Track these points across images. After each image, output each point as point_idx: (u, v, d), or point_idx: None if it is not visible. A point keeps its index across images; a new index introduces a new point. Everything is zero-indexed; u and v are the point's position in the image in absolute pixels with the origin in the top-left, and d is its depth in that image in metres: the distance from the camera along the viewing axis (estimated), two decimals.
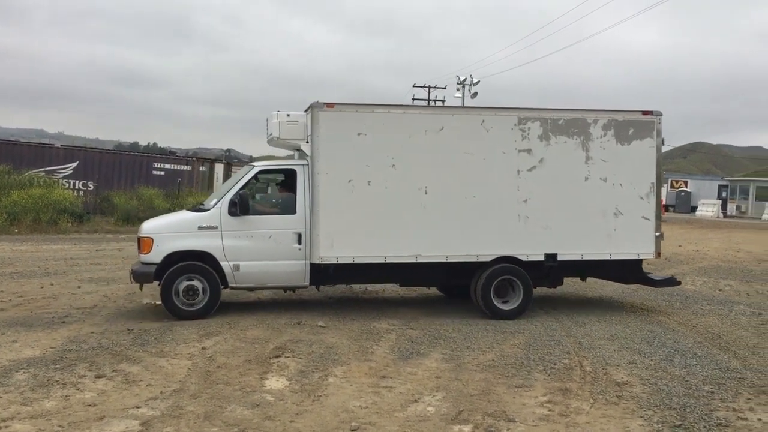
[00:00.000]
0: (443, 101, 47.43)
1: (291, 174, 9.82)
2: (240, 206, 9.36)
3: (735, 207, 46.73)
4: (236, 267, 9.43)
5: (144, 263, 9.48)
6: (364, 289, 12.10)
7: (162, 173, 28.35)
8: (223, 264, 9.41)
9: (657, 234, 10.29)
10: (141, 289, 10.06)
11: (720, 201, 47.24)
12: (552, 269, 10.15)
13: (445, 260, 9.83)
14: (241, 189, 9.54)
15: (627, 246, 10.20)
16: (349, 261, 9.58)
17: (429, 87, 49.04)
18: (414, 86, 49.40)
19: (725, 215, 45.36)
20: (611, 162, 10.15)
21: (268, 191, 10.98)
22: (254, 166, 9.99)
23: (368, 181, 9.61)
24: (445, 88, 49.94)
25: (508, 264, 9.95)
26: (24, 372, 6.69)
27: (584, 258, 10.12)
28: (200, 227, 9.46)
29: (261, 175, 10.08)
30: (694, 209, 47.57)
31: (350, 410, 5.82)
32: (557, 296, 11.79)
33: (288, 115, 9.89)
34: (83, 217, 24.06)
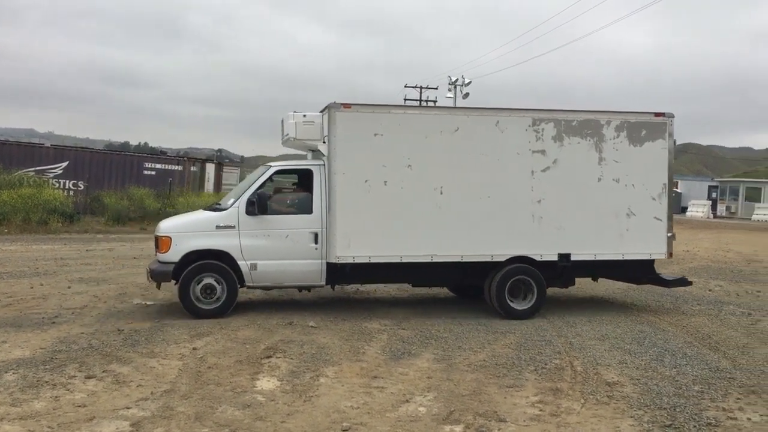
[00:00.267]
0: (435, 102, 47.48)
1: (307, 174, 9.89)
2: (258, 206, 9.45)
3: (725, 207, 46.97)
4: (253, 266, 9.50)
5: (162, 262, 9.55)
6: (356, 290, 12.09)
7: (153, 173, 28.27)
8: (241, 263, 9.48)
9: (669, 234, 10.39)
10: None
11: (710, 201, 47.49)
12: (565, 269, 10.23)
13: (460, 260, 9.89)
14: (259, 189, 9.60)
15: (639, 246, 10.29)
16: (366, 260, 9.64)
17: (421, 87, 49.07)
18: (406, 86, 49.46)
19: (715, 216, 45.60)
20: (624, 163, 10.24)
21: (280, 192, 11.02)
22: (271, 166, 10.05)
23: (384, 181, 9.67)
24: (437, 89, 50.05)
25: (522, 264, 10.03)
26: (13, 373, 6.65)
27: (597, 258, 10.21)
28: (218, 226, 9.54)
29: (277, 175, 10.16)
30: (685, 210, 47.80)
31: (341, 410, 5.82)
32: (548, 297, 11.80)
33: (304, 116, 10.00)
34: (73, 217, 23.97)
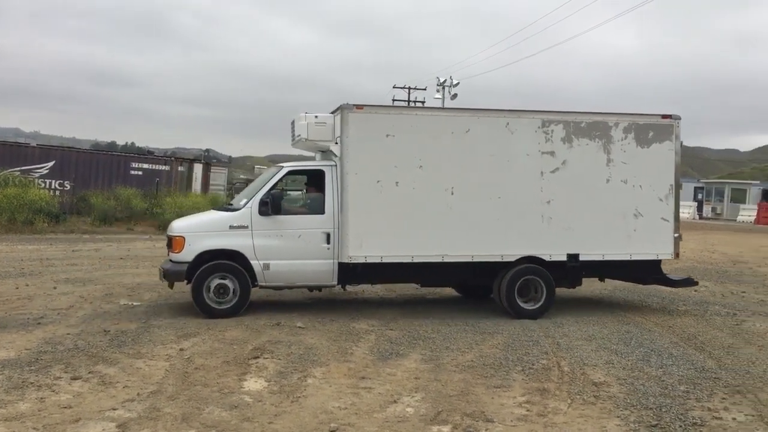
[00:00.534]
0: (423, 102, 47.51)
1: (319, 174, 9.95)
2: (272, 206, 9.50)
3: (710, 209, 47.35)
4: (266, 266, 9.55)
5: (175, 262, 9.60)
6: (344, 291, 12.08)
7: (140, 173, 28.09)
8: (254, 263, 9.53)
9: (676, 235, 10.50)
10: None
11: (696, 203, 47.82)
12: (573, 270, 10.31)
13: (471, 260, 9.96)
14: (271, 189, 9.65)
15: (647, 247, 10.39)
16: (378, 260, 9.70)
17: (409, 88, 49.09)
18: (394, 87, 49.42)
19: (701, 217, 45.93)
20: (631, 164, 10.34)
21: (288, 193, 11.08)
22: (283, 167, 10.13)
23: (396, 182, 9.74)
24: (425, 89, 50.09)
25: (532, 264, 10.11)
26: None
27: (605, 258, 10.30)
28: (231, 227, 9.60)
29: (289, 176, 10.23)
30: None
31: (329, 411, 5.81)
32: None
33: (316, 117, 10.09)
34: (59, 217, 23.79)
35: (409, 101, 47.92)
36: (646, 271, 10.78)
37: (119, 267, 14.57)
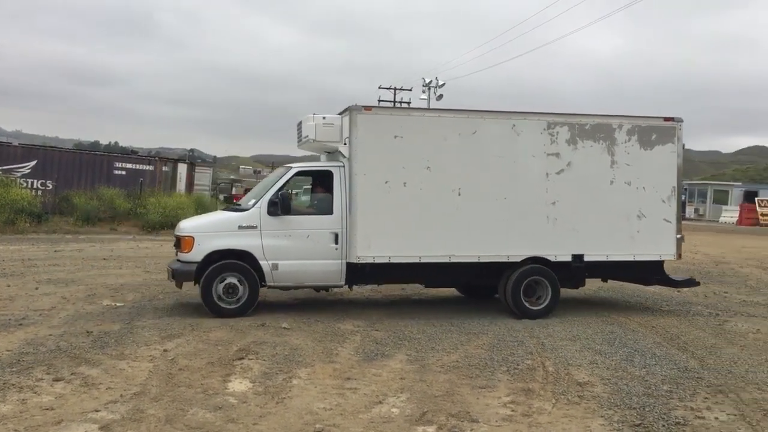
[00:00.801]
0: (409, 103, 47.57)
1: (327, 175, 10.00)
2: (281, 206, 9.54)
3: (693, 210, 47.74)
4: (275, 266, 9.59)
5: (184, 262, 9.62)
6: (329, 291, 12.06)
7: (123, 173, 27.91)
8: (262, 263, 9.57)
9: (678, 236, 10.62)
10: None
11: None
12: (578, 270, 10.41)
13: (477, 260, 10.03)
14: (280, 189, 9.68)
15: (649, 248, 10.51)
16: (386, 260, 9.77)
17: (395, 89, 49.14)
18: (380, 88, 49.46)
19: (684, 218, 46.13)
20: (635, 166, 10.46)
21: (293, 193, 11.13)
22: (291, 167, 10.18)
23: (404, 183, 9.81)
24: (411, 90, 50.12)
25: (537, 265, 10.20)
26: None
27: (609, 259, 10.41)
28: (240, 227, 9.64)
29: (297, 177, 10.28)
30: None
31: (314, 412, 5.79)
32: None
33: (324, 118, 10.15)
34: (41, 217, 23.61)
35: (395, 102, 47.96)
36: (649, 272, 10.91)
37: (102, 267, 14.45)
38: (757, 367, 7.57)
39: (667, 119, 10.73)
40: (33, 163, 26.45)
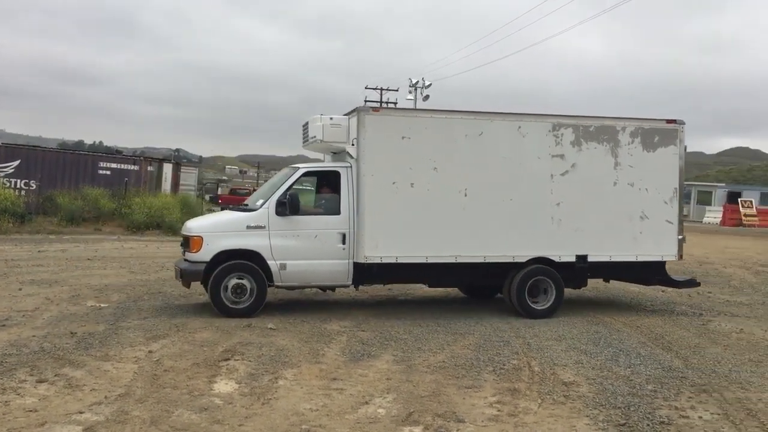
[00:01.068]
0: (395, 104, 47.58)
1: (335, 175, 10.04)
2: (290, 206, 9.56)
3: None
4: (283, 266, 9.62)
5: (192, 262, 9.64)
6: (315, 292, 12.04)
7: (108, 173, 27.70)
8: (270, 263, 9.60)
9: (680, 237, 10.74)
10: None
11: None
12: (581, 270, 10.49)
13: (483, 260, 10.09)
14: (288, 190, 9.70)
15: (652, 248, 10.62)
16: (393, 260, 9.84)
17: (381, 89, 49.14)
18: (366, 88, 49.45)
19: None
20: (638, 168, 10.57)
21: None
22: (299, 168, 10.18)
23: (411, 183, 9.87)
24: (398, 90, 50.13)
25: (542, 265, 10.27)
26: None
27: (612, 260, 10.51)
28: (248, 227, 9.67)
29: (305, 177, 10.30)
30: None
31: (300, 413, 5.78)
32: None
33: (331, 119, 10.21)
34: (25, 217, 23.41)
35: (381, 102, 47.96)
36: (651, 273, 11.02)
37: (86, 268, 14.35)
38: (741, 367, 7.64)
39: (670, 121, 10.89)
40: (16, 163, 26.20)
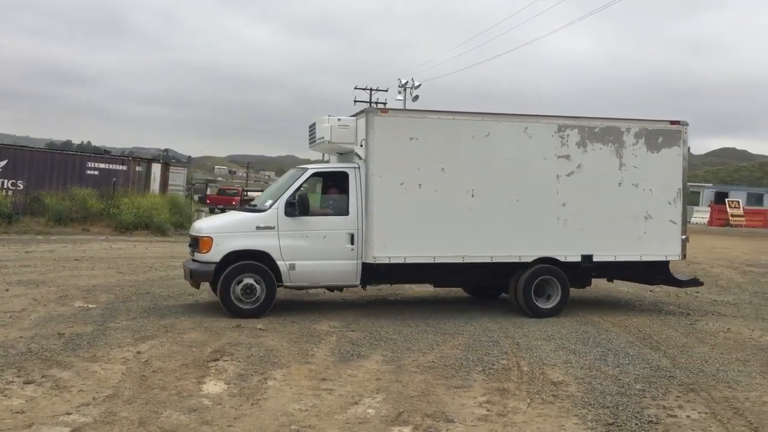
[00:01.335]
0: (385, 104, 47.56)
1: (343, 176, 10.07)
2: (299, 207, 9.60)
3: None
4: (292, 266, 9.67)
5: (202, 262, 9.66)
6: (305, 292, 12.02)
7: (96, 173, 27.56)
8: (279, 263, 9.63)
9: (683, 237, 10.83)
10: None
11: None
12: (586, 270, 10.59)
13: (490, 260, 10.16)
14: (297, 190, 9.75)
15: (656, 248, 10.73)
16: (401, 261, 9.89)
17: (371, 89, 49.12)
18: (356, 88, 49.37)
19: None
20: (642, 168, 10.67)
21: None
22: (307, 169, 10.26)
23: (419, 184, 9.92)
24: (387, 91, 50.10)
25: (548, 265, 10.35)
26: None
27: (617, 259, 10.61)
28: (258, 227, 9.70)
29: (313, 178, 10.36)
30: None
31: (290, 413, 5.77)
32: (497, 299, 11.96)
33: (339, 120, 10.28)
34: (12, 218, 23.27)
35: (371, 102, 47.93)
36: (655, 272, 11.13)
37: (74, 268, 14.26)
38: (728, 366, 7.69)
39: (673, 123, 11.00)
40: (3, 163, 26.01)
